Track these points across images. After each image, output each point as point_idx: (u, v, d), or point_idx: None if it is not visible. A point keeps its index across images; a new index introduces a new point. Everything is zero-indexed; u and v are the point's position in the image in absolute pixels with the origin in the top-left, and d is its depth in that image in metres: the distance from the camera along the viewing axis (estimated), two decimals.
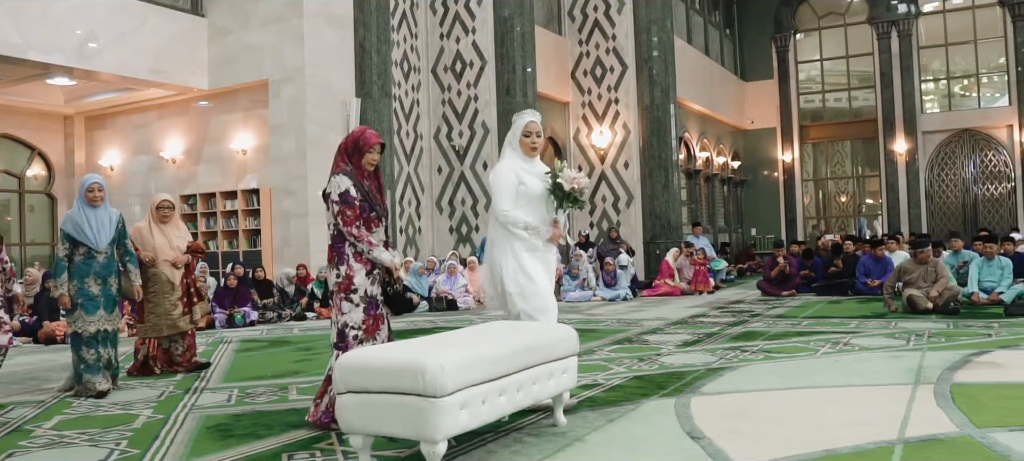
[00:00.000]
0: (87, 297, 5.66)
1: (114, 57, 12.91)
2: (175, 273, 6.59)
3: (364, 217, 4.18)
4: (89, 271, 5.68)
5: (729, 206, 23.55)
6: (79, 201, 5.78)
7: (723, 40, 24.01)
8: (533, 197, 4.50)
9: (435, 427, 2.99)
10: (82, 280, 5.66)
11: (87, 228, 5.66)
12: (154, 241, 6.52)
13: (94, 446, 4.03)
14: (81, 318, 5.65)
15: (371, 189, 4.26)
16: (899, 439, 3.63)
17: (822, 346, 6.69)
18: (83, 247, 5.67)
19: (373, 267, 4.21)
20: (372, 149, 4.24)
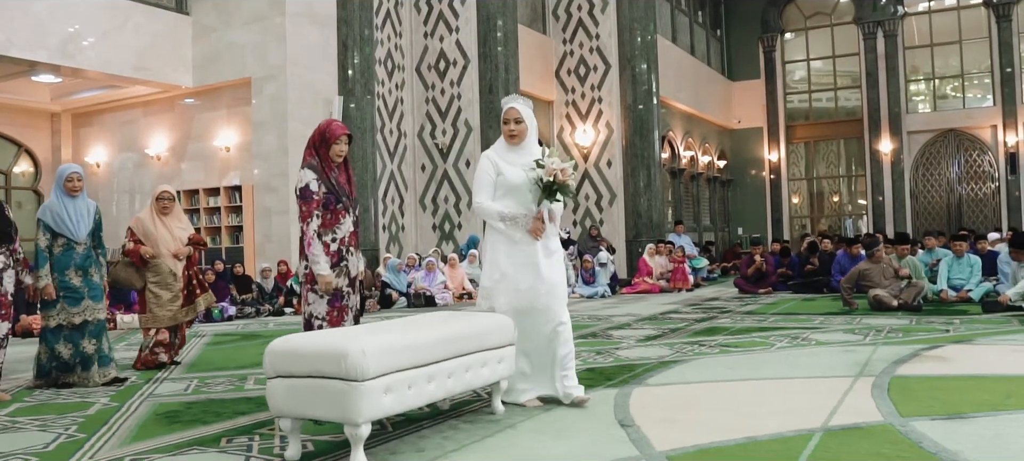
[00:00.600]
0: (69, 289, 5.58)
1: (98, 54, 13.01)
2: (177, 264, 6.50)
3: (331, 209, 4.27)
4: (69, 263, 5.61)
5: (714, 205, 23.68)
6: (57, 191, 5.68)
7: (710, 40, 24.13)
8: (514, 188, 4.28)
9: (357, 410, 3.10)
10: (62, 273, 5.58)
11: (67, 219, 5.60)
12: (157, 232, 6.42)
13: (43, 431, 4.14)
14: (64, 310, 5.57)
15: (339, 180, 4.34)
16: (821, 427, 3.73)
17: (780, 341, 6.80)
18: (62, 238, 5.60)
19: (339, 260, 4.29)
20: (338, 141, 4.33)
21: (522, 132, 4.35)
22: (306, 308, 4.30)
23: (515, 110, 4.35)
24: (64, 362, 5.57)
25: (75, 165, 5.95)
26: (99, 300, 5.73)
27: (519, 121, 4.34)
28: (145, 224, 6.46)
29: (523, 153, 4.35)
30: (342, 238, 4.32)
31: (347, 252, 4.35)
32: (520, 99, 4.44)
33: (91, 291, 5.68)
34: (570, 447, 3.46)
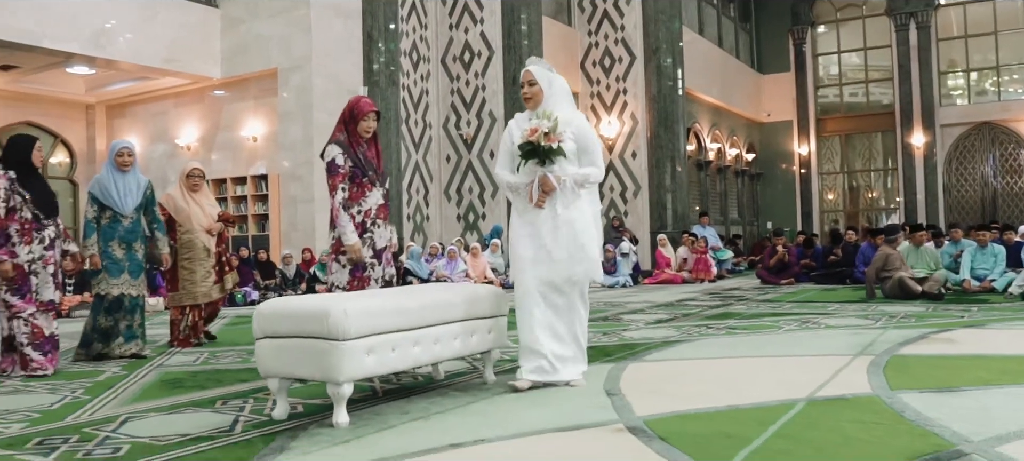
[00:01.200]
0: (111, 261, 5.67)
1: (129, 46, 13.29)
2: (210, 240, 6.50)
3: (358, 182, 4.44)
4: (114, 235, 5.69)
5: (743, 199, 23.52)
6: (108, 165, 5.81)
7: (739, 33, 23.97)
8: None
9: (338, 369, 3.20)
10: (107, 243, 5.68)
11: (114, 191, 5.68)
12: (189, 208, 6.42)
13: (51, 393, 4.31)
14: (104, 280, 5.67)
15: (366, 155, 4.50)
16: (806, 398, 3.75)
17: (788, 325, 6.79)
18: (109, 211, 5.69)
19: (363, 232, 4.44)
20: (366, 117, 4.50)
21: (536, 94, 4.11)
22: (329, 278, 4.47)
23: (528, 72, 4.15)
24: (104, 332, 5.67)
25: (127, 141, 5.99)
26: (136, 277, 5.80)
27: (532, 83, 4.12)
28: (176, 200, 6.44)
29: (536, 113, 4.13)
30: (367, 210, 4.47)
31: (373, 225, 4.50)
32: (538, 62, 4.23)
33: (131, 266, 5.76)
34: (551, 413, 3.52)
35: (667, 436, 3.02)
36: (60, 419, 3.64)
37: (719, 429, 3.14)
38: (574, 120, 4.12)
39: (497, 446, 2.99)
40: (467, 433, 3.16)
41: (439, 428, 3.25)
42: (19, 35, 12.03)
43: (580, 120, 4.16)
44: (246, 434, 3.23)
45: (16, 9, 11.89)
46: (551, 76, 4.17)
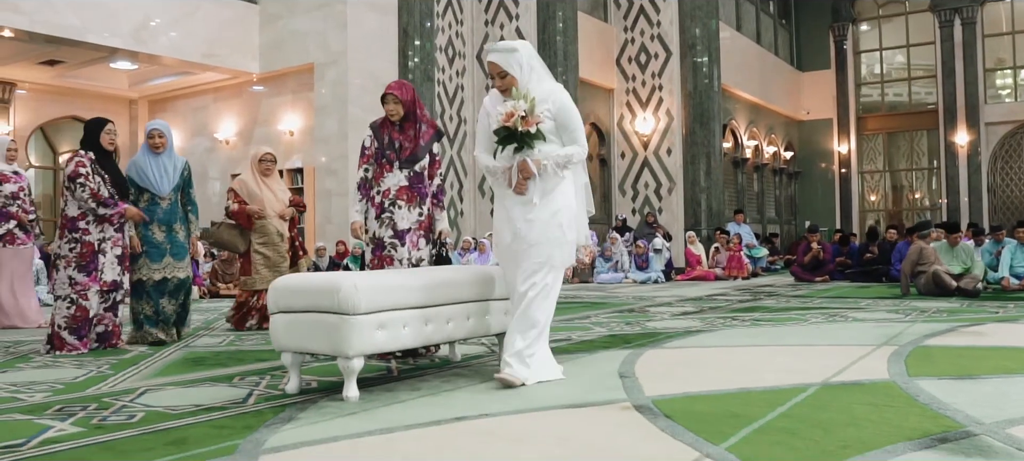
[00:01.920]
0: (152, 244, 5.57)
1: (170, 42, 13.55)
2: (284, 225, 6.40)
3: (379, 163, 4.66)
4: (153, 217, 5.58)
5: (780, 197, 23.27)
6: (143, 147, 5.73)
7: (777, 29, 23.70)
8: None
9: (348, 343, 3.25)
10: (146, 227, 5.57)
11: (150, 173, 5.57)
12: (261, 193, 6.32)
13: (78, 368, 4.43)
14: (145, 266, 5.56)
15: (392, 136, 4.65)
16: (820, 383, 3.72)
17: (816, 318, 6.72)
18: (147, 193, 5.59)
19: (381, 211, 4.63)
20: (384, 99, 4.67)
21: (510, 83, 3.76)
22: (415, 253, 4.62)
23: (493, 64, 3.78)
24: (146, 318, 5.59)
25: (159, 121, 5.90)
26: (181, 258, 5.69)
27: (502, 75, 3.76)
28: (249, 185, 6.34)
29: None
30: (384, 190, 4.63)
31: (392, 205, 4.61)
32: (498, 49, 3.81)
33: (173, 248, 5.65)
34: (560, 391, 3.54)
35: (672, 414, 3.02)
36: (82, 390, 3.75)
37: (726, 409, 3.13)
38: (553, 94, 3.78)
39: (501, 420, 3.02)
40: (473, 408, 3.19)
41: (447, 404, 3.29)
42: (64, 31, 12.33)
43: (560, 94, 3.81)
44: (257, 406, 3.29)
45: (61, 6, 12.19)
46: (517, 57, 3.76)
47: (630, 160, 17.65)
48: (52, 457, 2.57)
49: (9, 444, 2.72)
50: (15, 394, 3.67)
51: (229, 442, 2.70)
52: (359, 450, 2.65)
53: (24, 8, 11.84)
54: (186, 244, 5.75)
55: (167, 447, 2.65)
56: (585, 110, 16.66)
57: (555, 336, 5.61)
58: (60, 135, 16.72)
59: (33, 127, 16.09)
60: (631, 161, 17.64)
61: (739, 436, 2.70)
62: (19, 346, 5.62)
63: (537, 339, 3.70)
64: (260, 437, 2.76)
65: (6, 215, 6.91)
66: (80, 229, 5.20)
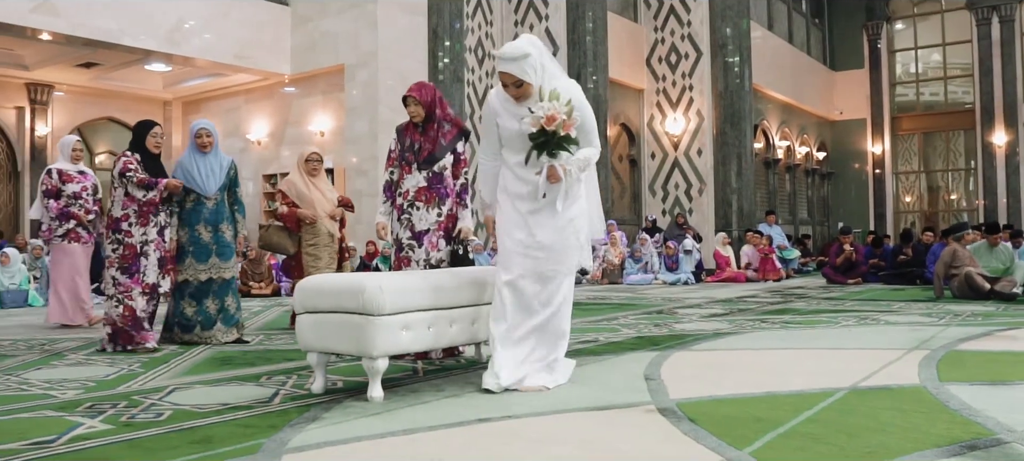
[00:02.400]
0: (198, 244, 5.50)
1: (203, 43, 13.72)
2: (333, 225, 6.30)
3: (400, 165, 4.74)
4: (199, 218, 5.52)
5: (813, 198, 23.03)
6: (189, 147, 5.67)
7: (810, 29, 23.46)
8: (509, 140, 3.73)
9: (373, 343, 3.27)
10: (193, 227, 5.51)
11: (197, 172, 5.51)
12: (310, 194, 6.23)
13: (110, 365, 4.51)
14: (192, 266, 5.49)
15: (413, 139, 4.71)
16: (849, 387, 3.67)
17: (847, 321, 6.64)
18: (193, 193, 5.52)
19: (401, 213, 4.71)
20: (405, 101, 4.72)
21: (527, 89, 3.62)
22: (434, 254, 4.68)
23: (507, 75, 3.59)
24: (186, 320, 5.49)
25: (206, 121, 5.82)
26: (227, 259, 5.62)
27: (518, 84, 3.60)
28: (297, 186, 6.25)
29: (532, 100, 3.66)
30: (404, 192, 4.70)
31: (411, 207, 4.67)
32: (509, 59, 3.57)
33: (219, 248, 5.58)
34: (585, 393, 3.53)
35: (696, 417, 3.01)
36: (112, 388, 3.81)
37: (751, 413, 3.11)
38: (570, 93, 3.63)
39: (524, 421, 3.02)
40: (497, 409, 3.19)
41: (470, 404, 3.29)
42: (100, 34, 12.54)
43: (576, 92, 3.68)
44: (283, 405, 3.32)
45: (98, 9, 12.39)
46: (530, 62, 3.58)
47: (660, 161, 17.58)
48: (80, 454, 2.61)
49: (40, 440, 2.77)
50: (48, 391, 3.74)
51: (253, 441, 2.72)
52: (380, 450, 2.66)
53: (62, 12, 12.05)
54: (232, 244, 5.69)
55: (192, 446, 2.68)
56: (615, 110, 16.63)
57: (582, 337, 5.61)
58: (97, 136, 17.00)
59: (70, 128, 16.36)
60: (661, 162, 17.57)
61: (763, 441, 2.67)
62: (55, 344, 5.72)
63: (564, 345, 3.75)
64: (284, 436, 2.79)
65: (68, 214, 7.09)
66: (123, 230, 5.26)
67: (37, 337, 6.24)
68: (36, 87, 15.63)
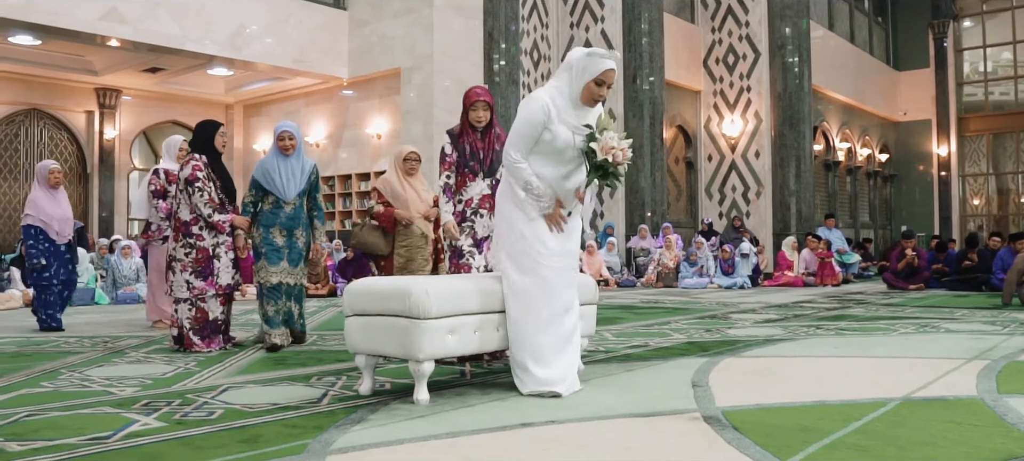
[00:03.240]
0: (271, 247, 5.40)
1: (263, 48, 14.01)
2: (428, 226, 5.99)
3: (461, 172, 4.62)
4: (275, 221, 5.41)
5: (875, 201, 22.52)
6: (272, 150, 5.52)
7: (873, 28, 22.96)
8: (556, 151, 3.63)
9: (419, 346, 3.30)
10: (268, 230, 5.42)
11: (277, 176, 5.38)
12: (405, 194, 5.97)
13: (168, 363, 4.64)
14: (264, 268, 5.42)
15: (475, 146, 4.59)
16: (902, 398, 3.60)
17: (905, 328, 6.48)
18: (271, 196, 5.41)
19: (462, 220, 4.59)
20: (474, 106, 4.58)
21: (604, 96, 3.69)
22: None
23: (612, 74, 3.59)
24: (267, 318, 5.42)
25: (290, 123, 5.63)
26: (296, 265, 5.50)
27: (610, 87, 3.64)
28: (393, 186, 6.04)
29: (586, 113, 3.68)
30: (467, 200, 4.61)
31: (474, 214, 4.61)
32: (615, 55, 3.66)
33: (291, 253, 5.47)
34: (630, 399, 3.52)
35: (741, 426, 2.97)
36: (168, 386, 3.92)
37: (798, 422, 3.06)
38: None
39: (568, 427, 3.02)
40: (542, 414, 3.20)
41: (515, 409, 3.31)
42: (165, 39, 12.90)
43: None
44: (331, 406, 3.38)
45: (163, 16, 12.74)
46: None
47: (717, 163, 17.39)
48: (134, 450, 2.70)
49: (97, 436, 2.87)
50: (107, 388, 3.87)
51: (299, 441, 2.78)
52: (423, 453, 2.69)
53: (129, 19, 12.42)
54: (304, 251, 5.56)
55: (240, 444, 2.75)
56: (671, 112, 16.50)
57: (632, 342, 5.59)
58: (161, 139, 17.42)
59: (136, 132, 16.85)
60: (718, 164, 17.38)
61: (807, 452, 2.64)
62: (118, 341, 5.90)
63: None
64: (329, 437, 2.84)
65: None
66: (194, 234, 5.29)
67: (101, 334, 6.44)
68: (104, 92, 16.13)
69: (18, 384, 4.03)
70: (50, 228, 6.89)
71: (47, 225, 6.87)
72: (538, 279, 3.60)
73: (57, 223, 6.91)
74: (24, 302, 9.78)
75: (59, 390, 3.84)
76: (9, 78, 14.93)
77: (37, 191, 6.99)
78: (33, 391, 3.83)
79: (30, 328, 6.93)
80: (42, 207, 6.88)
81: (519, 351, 3.63)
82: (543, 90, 3.69)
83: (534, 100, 3.63)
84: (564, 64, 3.69)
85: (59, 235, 6.95)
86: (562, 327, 3.66)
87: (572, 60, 3.62)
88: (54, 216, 6.89)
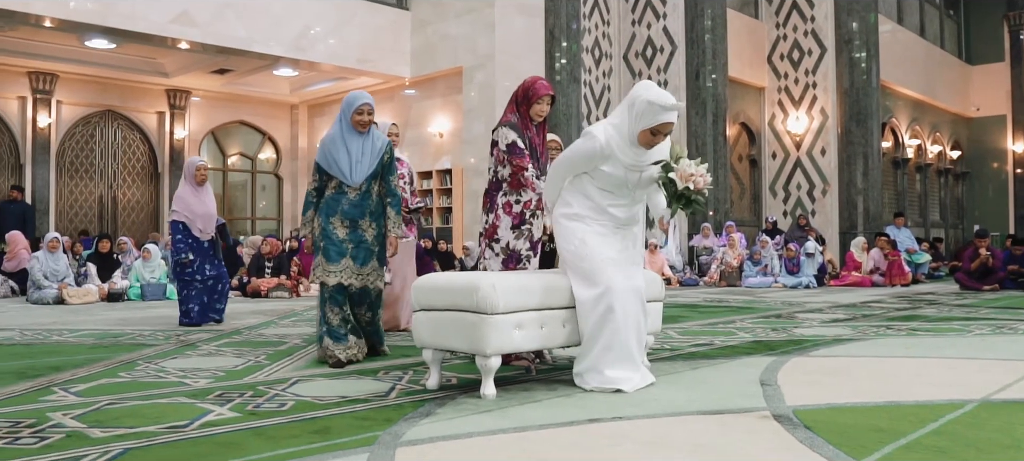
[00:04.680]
0: (331, 241, 4.51)
1: (327, 48, 14.24)
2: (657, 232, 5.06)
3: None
4: (336, 209, 4.55)
5: (946, 200, 21.90)
6: (341, 124, 4.62)
7: (944, 21, 22.32)
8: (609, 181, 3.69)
9: (486, 341, 3.32)
10: (327, 219, 4.54)
11: (342, 156, 4.54)
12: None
13: (237, 357, 4.75)
14: (322, 265, 4.56)
15: (533, 142, 4.29)
16: (980, 399, 3.49)
17: (980, 329, 6.30)
18: (334, 179, 4.59)
19: (520, 222, 4.26)
20: (541, 100, 4.28)
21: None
22: (482, 262, 4.33)
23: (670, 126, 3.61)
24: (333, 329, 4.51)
25: (366, 95, 4.74)
26: (364, 263, 4.58)
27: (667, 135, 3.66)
28: None
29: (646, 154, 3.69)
30: (527, 201, 4.28)
31: (532, 216, 4.31)
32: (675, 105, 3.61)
33: (356, 249, 4.55)
34: (698, 396, 3.49)
35: (813, 425, 2.92)
36: (240, 378, 4.01)
37: (872, 422, 3.00)
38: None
39: (634, 423, 3.01)
40: (608, 410, 3.19)
41: (582, 404, 3.30)
42: (232, 41, 13.20)
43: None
44: (399, 400, 3.42)
45: (230, 18, 13.04)
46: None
47: (781, 160, 17.11)
48: (210, 439, 2.77)
49: (175, 425, 2.95)
50: (182, 379, 3.97)
51: (369, 433, 2.82)
52: (491, 447, 2.71)
53: (198, 21, 12.74)
54: (374, 246, 4.66)
55: (311, 435, 2.80)
56: (734, 110, 16.29)
57: (697, 340, 5.53)
58: (229, 138, 17.86)
59: (205, 131, 17.26)
60: (783, 162, 17.10)
61: (882, 452, 2.58)
62: (189, 335, 6.06)
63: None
64: (398, 430, 2.87)
65: None
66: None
67: (174, 328, 6.62)
68: (175, 93, 16.56)
69: (98, 374, 4.17)
70: (194, 225, 6.92)
71: (191, 221, 6.90)
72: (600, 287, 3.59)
73: (201, 220, 6.95)
74: (99, 297, 10.11)
75: (137, 380, 3.97)
76: (86, 81, 15.44)
77: (184, 187, 7.02)
78: (112, 381, 3.95)
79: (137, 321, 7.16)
80: (188, 203, 6.91)
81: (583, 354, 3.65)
82: (601, 126, 3.70)
83: (593, 138, 3.63)
84: (627, 100, 3.68)
85: (202, 232, 6.98)
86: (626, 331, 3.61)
87: (635, 100, 3.60)
88: (198, 212, 6.93)
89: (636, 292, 3.67)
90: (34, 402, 3.41)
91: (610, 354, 3.57)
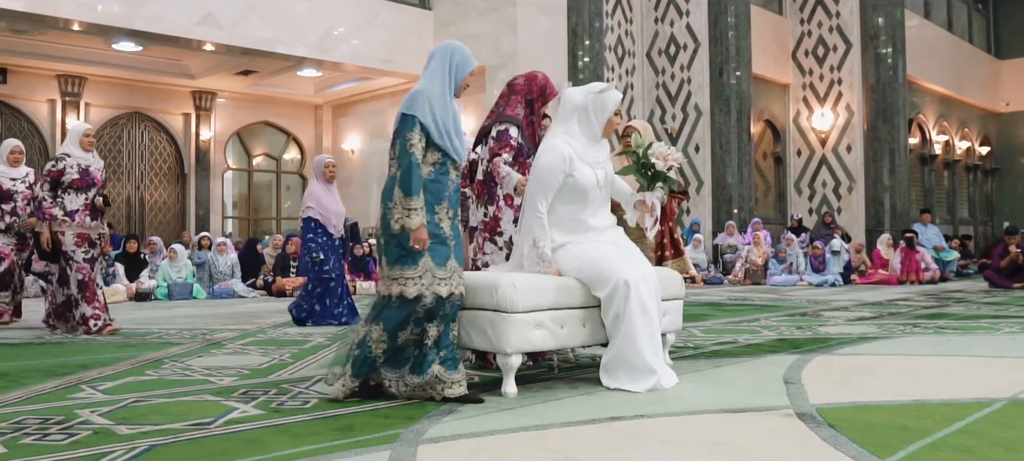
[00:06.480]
0: (436, 238, 3.34)
1: (350, 49, 14.30)
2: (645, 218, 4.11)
3: (520, 162, 4.16)
4: (442, 194, 3.40)
5: (974, 196, 21.62)
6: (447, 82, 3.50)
7: (973, 15, 22.02)
8: (580, 191, 3.71)
9: (507, 340, 3.33)
10: (432, 210, 3.36)
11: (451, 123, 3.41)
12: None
13: (263, 355, 4.79)
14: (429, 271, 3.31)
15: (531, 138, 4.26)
16: (1008, 398, 3.45)
17: (1009, 328, 6.22)
18: (438, 152, 3.38)
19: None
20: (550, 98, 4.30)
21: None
22: (482, 256, 4.22)
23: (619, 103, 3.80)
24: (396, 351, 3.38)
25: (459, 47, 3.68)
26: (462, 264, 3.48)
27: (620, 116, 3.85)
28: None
29: (602, 148, 3.85)
30: None
31: None
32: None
33: (458, 247, 3.45)
34: (721, 395, 3.47)
35: (837, 424, 2.90)
36: (264, 376, 4.05)
37: (897, 421, 2.97)
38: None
39: (656, 421, 3.00)
40: (630, 408, 3.19)
41: (604, 402, 3.30)
42: (257, 43, 13.28)
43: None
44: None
45: (255, 20, 13.13)
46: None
47: (806, 158, 16.98)
48: (235, 436, 2.80)
49: (200, 421, 2.99)
50: (208, 377, 4.01)
51: (392, 431, 2.84)
52: (512, 444, 2.71)
53: (223, 23, 12.84)
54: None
55: (335, 433, 2.82)
56: (759, 107, 16.18)
57: (720, 339, 5.51)
58: (254, 139, 17.98)
59: (231, 132, 17.39)
60: (808, 159, 16.97)
61: (907, 451, 2.56)
62: (214, 333, 6.12)
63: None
64: (421, 428, 2.89)
65: None
66: None
67: (200, 327, 6.69)
68: (200, 94, 16.70)
69: (125, 372, 4.22)
70: (328, 222, 6.92)
71: (325, 219, 6.90)
72: (610, 288, 3.56)
73: (334, 217, 6.96)
74: (127, 296, 10.22)
75: (163, 378, 4.01)
76: (113, 83, 15.61)
77: (315, 185, 7.05)
78: (139, 379, 4.00)
79: (164, 320, 7.24)
80: (321, 200, 6.91)
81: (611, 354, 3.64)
82: (555, 137, 3.74)
83: (552, 149, 3.68)
84: (567, 108, 3.79)
85: (335, 229, 6.98)
86: (645, 329, 3.57)
87: (579, 101, 3.77)
88: (331, 210, 6.94)
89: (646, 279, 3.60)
90: (63, 399, 3.46)
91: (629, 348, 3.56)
